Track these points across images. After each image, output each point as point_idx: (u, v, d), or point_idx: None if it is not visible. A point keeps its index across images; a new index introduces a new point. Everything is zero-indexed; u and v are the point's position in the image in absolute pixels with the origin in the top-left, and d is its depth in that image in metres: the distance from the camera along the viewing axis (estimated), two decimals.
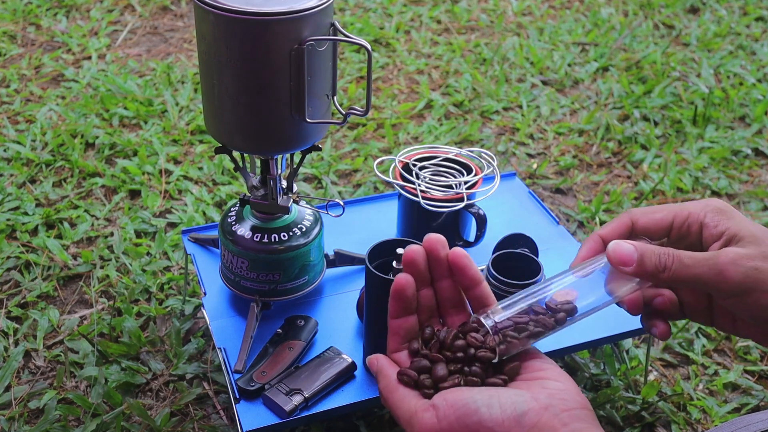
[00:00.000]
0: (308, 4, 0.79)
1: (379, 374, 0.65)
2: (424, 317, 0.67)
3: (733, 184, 1.51)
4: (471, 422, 0.58)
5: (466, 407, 0.59)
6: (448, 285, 0.67)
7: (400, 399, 0.62)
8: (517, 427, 0.57)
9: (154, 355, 1.11)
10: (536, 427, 0.57)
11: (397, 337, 0.66)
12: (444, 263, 0.66)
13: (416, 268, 0.65)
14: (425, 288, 0.67)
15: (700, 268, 0.63)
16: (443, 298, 0.67)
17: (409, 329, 0.66)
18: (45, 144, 1.53)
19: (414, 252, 0.65)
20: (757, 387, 1.10)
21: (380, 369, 0.65)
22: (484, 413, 0.58)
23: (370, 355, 0.67)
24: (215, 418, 1.03)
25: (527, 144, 1.60)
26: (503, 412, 0.58)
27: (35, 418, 1.03)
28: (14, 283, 1.22)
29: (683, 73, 1.87)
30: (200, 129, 1.59)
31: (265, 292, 0.96)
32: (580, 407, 0.59)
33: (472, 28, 2.07)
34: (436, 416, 0.59)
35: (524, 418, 0.58)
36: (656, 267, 0.64)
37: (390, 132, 1.59)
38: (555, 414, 0.58)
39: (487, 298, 0.66)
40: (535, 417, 0.58)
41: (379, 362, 0.66)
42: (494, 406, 0.58)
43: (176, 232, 1.30)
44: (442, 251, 0.65)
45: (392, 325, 0.66)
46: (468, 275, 0.65)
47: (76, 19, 2.00)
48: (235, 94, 0.82)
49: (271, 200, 0.93)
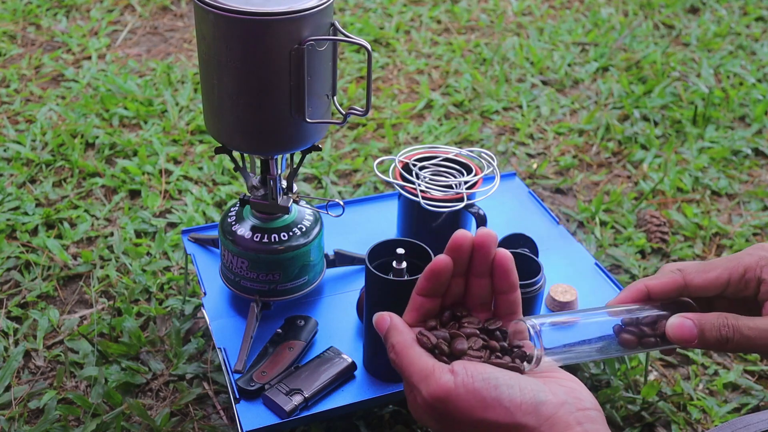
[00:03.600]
0: (308, 4, 0.79)
1: (393, 329, 0.63)
2: (447, 303, 0.66)
3: (733, 184, 1.51)
4: (489, 396, 0.57)
5: (486, 381, 0.58)
6: (484, 284, 0.65)
7: (417, 356, 0.61)
8: (533, 414, 0.57)
9: (154, 355, 1.11)
10: (551, 419, 0.57)
11: (416, 313, 0.65)
12: (489, 262, 0.64)
13: (460, 255, 0.64)
14: (459, 276, 0.65)
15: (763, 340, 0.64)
16: (475, 294, 0.66)
17: (429, 309, 0.65)
18: (45, 144, 1.53)
19: (464, 238, 0.63)
20: (757, 387, 1.10)
21: (395, 325, 0.63)
22: (504, 391, 0.57)
23: (380, 312, 0.64)
24: (215, 418, 1.03)
25: (527, 144, 1.60)
26: (523, 396, 0.57)
27: (35, 418, 1.03)
28: (14, 283, 1.22)
29: (683, 73, 1.87)
30: (200, 129, 1.59)
31: (265, 292, 0.96)
32: (593, 408, 0.59)
33: (472, 28, 2.07)
34: (454, 381, 0.58)
35: (542, 408, 0.57)
36: (718, 341, 0.65)
37: (390, 132, 1.59)
38: (570, 411, 0.57)
39: (517, 306, 0.66)
40: (553, 409, 0.57)
41: (393, 319, 0.64)
42: (515, 387, 0.58)
43: (176, 232, 1.30)
44: (493, 249, 0.64)
45: (415, 300, 0.65)
46: (509, 280, 0.64)
47: (76, 19, 2.00)
48: (235, 94, 0.82)
49: (271, 200, 0.93)
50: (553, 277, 1.06)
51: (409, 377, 0.61)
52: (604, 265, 1.24)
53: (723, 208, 1.46)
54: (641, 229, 1.37)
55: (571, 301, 1.00)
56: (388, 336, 0.63)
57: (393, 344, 0.62)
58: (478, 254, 0.64)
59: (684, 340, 0.66)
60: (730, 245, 1.35)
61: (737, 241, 1.36)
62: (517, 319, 0.66)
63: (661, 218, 1.38)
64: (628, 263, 1.29)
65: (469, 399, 0.57)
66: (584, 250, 1.13)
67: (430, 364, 0.60)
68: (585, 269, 1.09)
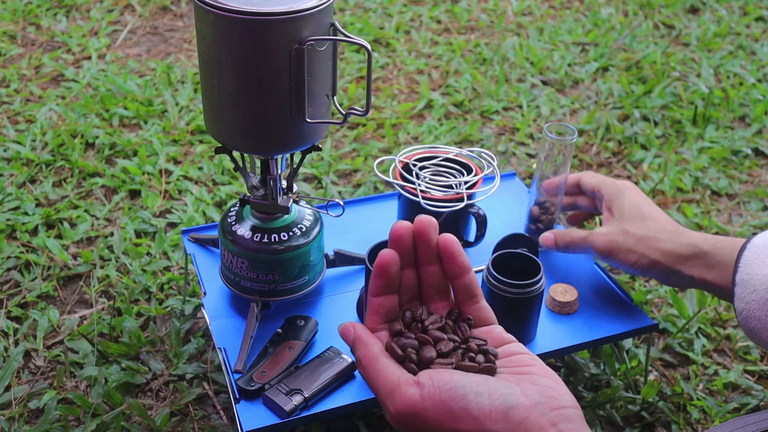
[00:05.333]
0: (308, 4, 0.79)
1: (358, 342, 0.62)
2: (405, 299, 0.65)
3: (733, 184, 1.51)
4: (456, 407, 0.56)
5: (453, 390, 0.56)
6: (434, 270, 0.64)
7: (383, 368, 0.59)
8: (503, 422, 0.55)
9: (154, 355, 1.11)
10: (523, 423, 0.55)
11: (377, 316, 0.64)
12: (433, 247, 0.63)
13: (403, 246, 0.63)
14: (409, 269, 0.64)
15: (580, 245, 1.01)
16: (428, 283, 0.65)
17: (389, 308, 0.64)
18: (45, 144, 1.53)
19: (402, 228, 0.62)
20: (757, 387, 1.10)
21: (359, 337, 0.62)
22: (471, 400, 0.56)
23: (344, 323, 0.63)
24: (215, 418, 1.03)
25: (527, 144, 1.60)
26: (492, 403, 0.56)
27: (35, 418, 1.03)
28: (14, 283, 1.22)
29: (683, 73, 1.87)
30: (200, 129, 1.59)
31: (265, 292, 0.96)
32: (569, 406, 0.57)
33: (472, 28, 2.07)
34: (420, 394, 0.57)
35: (512, 413, 0.55)
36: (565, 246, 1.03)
37: (390, 132, 1.59)
38: (544, 413, 0.56)
39: (474, 288, 0.64)
40: (524, 413, 0.55)
41: (356, 330, 0.62)
42: (483, 395, 0.56)
43: (176, 232, 1.30)
44: (433, 235, 0.63)
45: (372, 303, 0.63)
46: (457, 262, 0.63)
47: (76, 19, 2.00)
48: (235, 94, 0.82)
49: (271, 200, 0.93)
50: (553, 277, 1.06)
51: (376, 391, 0.60)
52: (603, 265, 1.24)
53: (723, 208, 1.46)
54: None
55: (571, 301, 1.00)
56: (353, 349, 0.62)
57: (359, 358, 0.61)
58: (420, 242, 0.63)
59: (547, 246, 1.05)
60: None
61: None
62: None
63: None
64: None
65: (437, 411, 0.56)
66: None
67: (396, 377, 0.58)
68: (585, 269, 1.09)
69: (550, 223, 1.09)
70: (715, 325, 1.20)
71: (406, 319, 0.64)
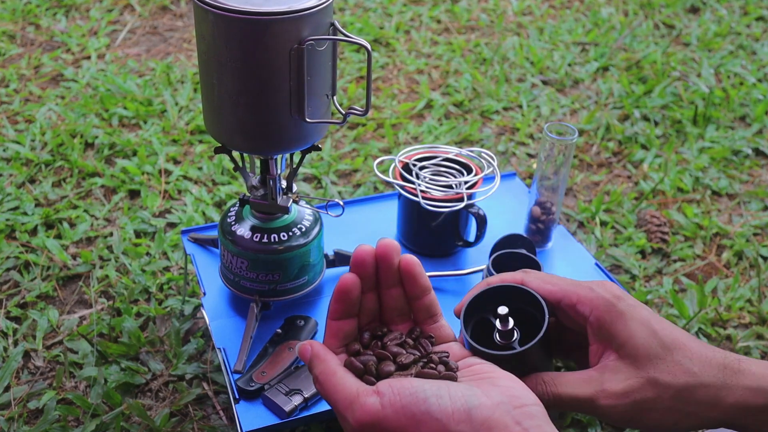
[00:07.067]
0: (308, 4, 0.79)
1: (315, 359, 0.61)
2: (364, 321, 0.64)
3: (733, 184, 1.51)
4: (418, 411, 0.55)
5: (414, 395, 0.55)
6: (396, 294, 0.64)
7: (340, 382, 0.58)
8: (466, 422, 0.54)
9: (154, 355, 1.11)
10: (487, 422, 0.54)
11: (335, 340, 0.63)
12: (395, 271, 0.63)
13: (365, 270, 0.62)
14: (370, 292, 0.64)
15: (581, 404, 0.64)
16: (389, 306, 0.64)
17: (348, 332, 0.63)
18: (44, 144, 1.53)
19: (365, 253, 0.62)
20: None
21: (317, 353, 0.61)
22: (432, 403, 0.55)
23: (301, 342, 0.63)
24: (215, 419, 1.03)
25: (527, 144, 1.60)
26: (453, 404, 0.55)
27: (34, 419, 1.03)
28: (13, 283, 1.22)
29: (683, 72, 1.86)
30: (200, 129, 1.58)
31: (265, 292, 0.96)
32: (532, 404, 0.57)
33: (472, 27, 2.07)
34: (380, 402, 0.56)
35: (475, 412, 0.55)
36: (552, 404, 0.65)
37: (390, 132, 1.59)
38: (507, 411, 0.55)
39: (434, 307, 0.64)
40: (487, 412, 0.55)
41: (314, 348, 0.61)
42: (444, 397, 0.55)
43: (176, 232, 1.30)
44: (395, 258, 0.62)
45: (331, 327, 0.63)
46: (419, 284, 0.63)
47: (76, 18, 2.00)
48: (235, 94, 0.82)
49: (270, 200, 0.93)
50: None
51: (335, 405, 0.59)
52: (604, 265, 1.24)
53: (723, 208, 1.46)
54: (641, 229, 1.37)
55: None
56: (311, 366, 0.61)
57: (316, 375, 0.60)
58: (383, 265, 0.62)
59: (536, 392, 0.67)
60: (730, 245, 1.35)
61: (738, 241, 1.35)
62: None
63: (662, 218, 1.38)
64: (628, 263, 1.29)
65: (399, 418, 0.55)
66: (584, 250, 1.13)
67: (354, 389, 0.57)
68: (585, 269, 1.09)
69: (550, 223, 1.09)
70: (715, 326, 1.20)
71: (364, 340, 0.63)
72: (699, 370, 0.62)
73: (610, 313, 0.64)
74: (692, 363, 0.62)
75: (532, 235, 1.10)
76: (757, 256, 1.32)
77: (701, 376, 0.62)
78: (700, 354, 0.63)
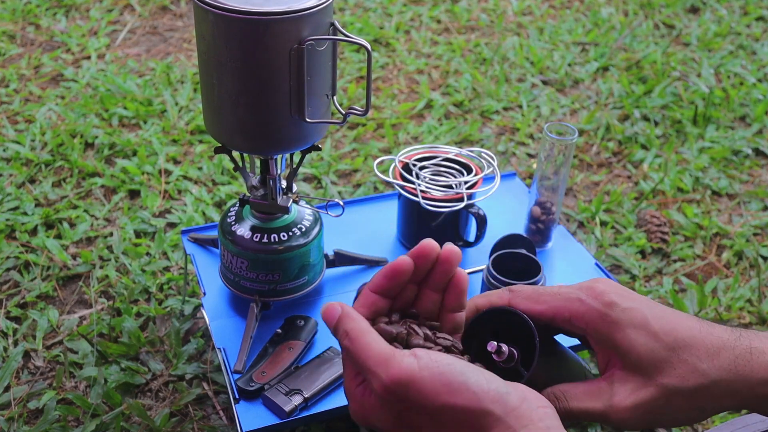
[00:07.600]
0: (308, 4, 0.79)
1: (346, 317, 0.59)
2: (396, 307, 0.64)
3: (733, 184, 1.51)
4: (455, 381, 0.54)
5: (451, 367, 0.55)
6: (434, 298, 0.64)
7: (375, 340, 0.57)
8: (500, 403, 0.54)
9: (154, 355, 1.11)
10: (516, 411, 0.55)
11: (366, 310, 0.62)
12: (446, 279, 0.63)
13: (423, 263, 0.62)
14: (413, 284, 0.64)
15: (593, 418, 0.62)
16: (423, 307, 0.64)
17: (380, 308, 0.63)
18: (44, 144, 1.53)
19: (430, 248, 0.61)
20: None
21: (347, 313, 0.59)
22: (470, 377, 0.55)
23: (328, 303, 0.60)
24: (215, 419, 1.03)
25: (527, 144, 1.60)
26: (489, 384, 0.55)
27: (34, 419, 1.03)
28: (14, 283, 1.22)
29: (683, 72, 1.86)
30: (200, 129, 1.58)
31: (265, 292, 0.96)
32: (549, 407, 0.57)
33: (472, 27, 2.07)
34: (418, 364, 0.55)
35: (508, 398, 0.55)
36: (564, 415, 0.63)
37: (390, 132, 1.59)
38: (532, 408, 0.55)
39: (461, 327, 0.64)
40: (517, 402, 0.55)
41: (344, 308, 0.59)
42: (480, 375, 0.55)
43: (176, 232, 1.30)
44: (454, 267, 0.62)
45: (367, 297, 0.62)
46: (459, 300, 0.63)
47: (76, 18, 2.00)
48: (235, 94, 0.82)
49: (270, 200, 0.93)
50: (553, 277, 1.06)
51: (364, 363, 0.57)
52: (604, 265, 1.24)
53: (723, 208, 1.46)
54: (641, 229, 1.37)
55: None
56: (340, 324, 0.59)
57: (347, 330, 0.58)
58: (440, 268, 0.62)
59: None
60: (730, 245, 1.35)
61: (738, 241, 1.35)
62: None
63: (662, 218, 1.38)
64: (628, 263, 1.29)
65: (434, 383, 0.54)
66: (584, 250, 1.13)
67: (390, 349, 0.56)
68: (585, 269, 1.08)
69: (550, 223, 1.09)
70: None
71: (393, 319, 0.63)
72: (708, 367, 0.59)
73: (605, 323, 0.61)
74: (700, 360, 0.60)
75: (532, 235, 1.10)
76: (757, 256, 1.32)
77: (712, 373, 0.59)
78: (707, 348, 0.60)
